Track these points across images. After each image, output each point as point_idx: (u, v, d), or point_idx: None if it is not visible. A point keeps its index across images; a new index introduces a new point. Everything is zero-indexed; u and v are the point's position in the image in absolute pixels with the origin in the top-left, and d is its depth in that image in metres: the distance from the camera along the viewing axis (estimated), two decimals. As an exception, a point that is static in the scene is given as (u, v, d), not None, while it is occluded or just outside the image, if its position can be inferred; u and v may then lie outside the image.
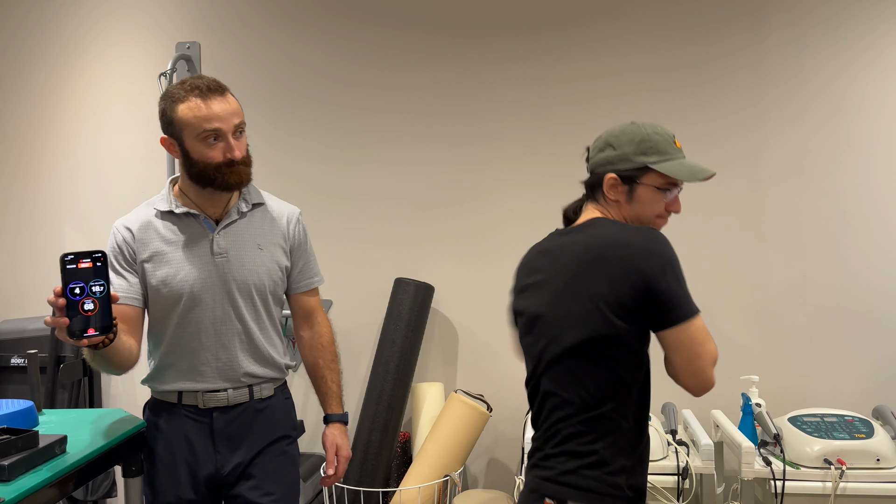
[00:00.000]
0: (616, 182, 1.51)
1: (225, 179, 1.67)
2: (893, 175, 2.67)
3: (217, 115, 1.63)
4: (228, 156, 1.65)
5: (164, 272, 1.70)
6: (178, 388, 1.74)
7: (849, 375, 2.71)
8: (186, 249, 1.71)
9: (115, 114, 3.12)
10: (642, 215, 1.52)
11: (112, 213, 3.12)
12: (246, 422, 1.77)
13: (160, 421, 1.77)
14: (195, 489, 1.74)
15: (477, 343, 2.94)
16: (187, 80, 1.67)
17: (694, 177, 1.49)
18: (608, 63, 2.83)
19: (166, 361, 1.75)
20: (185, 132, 1.64)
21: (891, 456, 2.15)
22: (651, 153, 1.50)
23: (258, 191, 1.84)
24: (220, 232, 1.73)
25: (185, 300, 1.70)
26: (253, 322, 1.76)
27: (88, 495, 2.99)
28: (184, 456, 1.73)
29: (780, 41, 2.73)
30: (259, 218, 1.80)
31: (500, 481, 2.94)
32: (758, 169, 2.75)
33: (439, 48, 2.93)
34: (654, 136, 1.50)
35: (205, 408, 1.74)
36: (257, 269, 1.76)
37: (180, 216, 1.73)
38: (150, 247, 1.71)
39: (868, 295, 2.69)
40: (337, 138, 2.99)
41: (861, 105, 2.69)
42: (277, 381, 1.85)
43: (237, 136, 1.67)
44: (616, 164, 1.51)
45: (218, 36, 3.04)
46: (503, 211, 2.92)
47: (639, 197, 1.51)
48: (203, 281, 1.71)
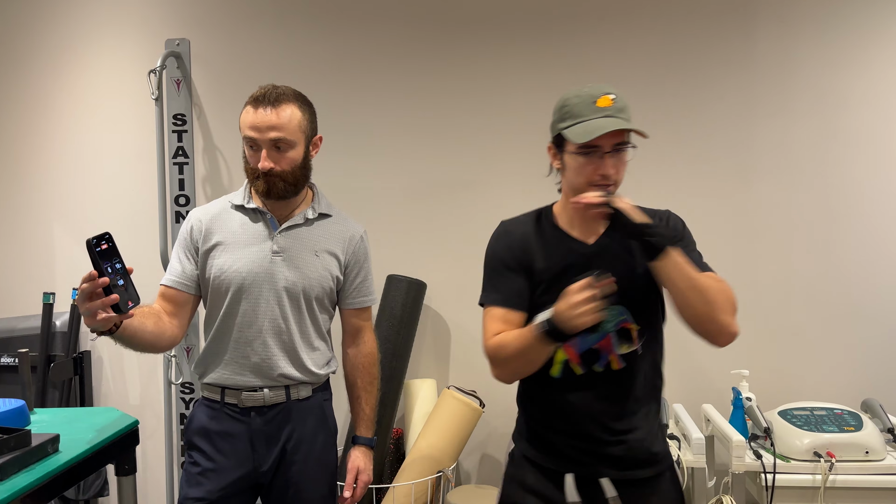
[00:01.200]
0: (553, 151, 1.54)
1: (256, 186, 1.78)
2: (882, 170, 2.69)
3: (254, 124, 1.72)
4: (256, 165, 1.73)
5: (222, 260, 1.78)
6: (219, 380, 1.80)
7: (838, 369, 2.73)
8: (247, 243, 1.80)
9: (104, 111, 3.10)
10: (574, 183, 1.50)
11: (102, 211, 3.10)
12: (283, 421, 1.82)
13: (205, 419, 1.82)
14: (233, 485, 1.78)
15: (469, 339, 2.95)
16: (268, 85, 1.77)
17: (585, 136, 1.41)
18: (598, 58, 2.83)
19: (212, 349, 1.83)
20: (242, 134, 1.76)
21: (879, 448, 2.17)
22: (567, 118, 1.48)
23: (329, 204, 1.92)
24: (283, 232, 1.81)
25: (234, 289, 1.77)
26: (295, 324, 1.81)
27: (80, 494, 2.98)
28: (224, 454, 1.78)
29: (769, 37, 2.74)
30: (322, 228, 1.87)
31: (494, 477, 2.95)
32: (746, 164, 2.76)
33: (432, 44, 2.93)
34: (572, 100, 1.48)
35: (244, 407, 1.80)
36: (310, 273, 1.81)
37: (250, 211, 1.83)
38: (216, 236, 1.81)
39: (857, 289, 2.71)
40: (328, 135, 2.97)
41: (849, 100, 2.71)
42: (316, 383, 1.89)
43: (275, 149, 1.73)
44: (551, 134, 1.54)
45: (208, 33, 3.02)
46: (495, 207, 2.92)
47: (566, 165, 1.51)
48: (255, 275, 1.78)
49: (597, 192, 1.42)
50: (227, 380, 1.80)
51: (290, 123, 1.72)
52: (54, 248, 3.15)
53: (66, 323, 3.02)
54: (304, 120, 1.77)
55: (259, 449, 1.80)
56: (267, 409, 1.80)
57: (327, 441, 1.90)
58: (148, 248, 3.01)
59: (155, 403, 3.10)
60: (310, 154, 1.81)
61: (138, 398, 3.12)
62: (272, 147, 1.72)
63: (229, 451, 1.79)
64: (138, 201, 3.07)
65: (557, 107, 1.52)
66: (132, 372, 3.12)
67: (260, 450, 1.80)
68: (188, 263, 1.82)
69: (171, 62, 2.95)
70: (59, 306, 3.10)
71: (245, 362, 1.79)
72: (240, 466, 1.79)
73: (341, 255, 1.88)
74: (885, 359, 2.70)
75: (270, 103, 1.71)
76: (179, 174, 2.96)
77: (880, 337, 2.70)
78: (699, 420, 2.64)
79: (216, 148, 3.04)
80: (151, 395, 3.11)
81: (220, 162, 3.04)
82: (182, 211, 2.95)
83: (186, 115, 2.96)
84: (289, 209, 1.84)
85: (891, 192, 2.69)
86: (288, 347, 1.81)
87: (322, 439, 1.88)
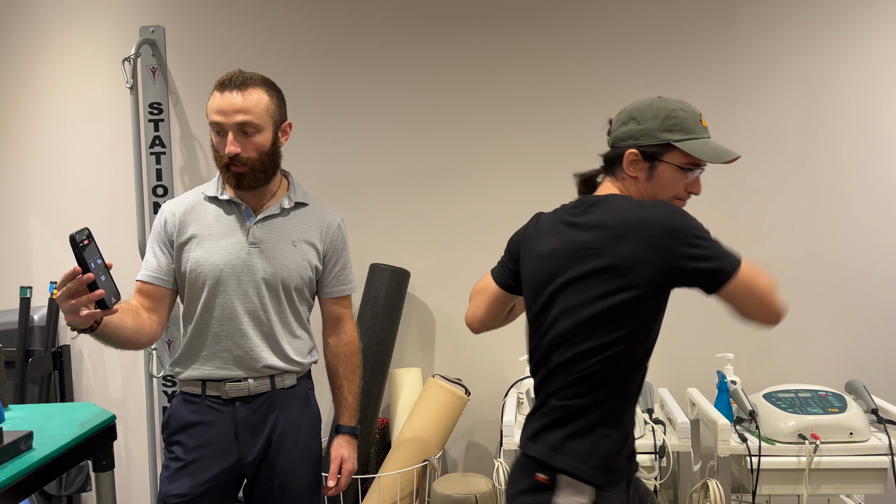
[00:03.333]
0: (637, 158, 1.46)
1: (227, 179, 1.75)
2: (864, 152, 2.69)
3: (220, 108, 1.68)
4: (223, 151, 1.70)
5: (198, 253, 1.75)
6: (200, 375, 1.77)
7: (822, 351, 2.74)
8: (223, 235, 1.77)
9: (78, 101, 3.04)
10: (660, 194, 1.47)
11: (77, 201, 3.05)
12: (268, 410, 1.80)
13: (185, 413, 1.79)
14: (216, 478, 1.77)
15: (454, 327, 2.93)
16: (235, 70, 1.73)
17: (718, 158, 1.43)
18: (580, 47, 2.80)
19: (191, 346, 1.79)
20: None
21: (863, 429, 2.18)
22: (675, 130, 1.44)
23: (305, 192, 1.89)
24: (258, 223, 1.78)
25: (212, 283, 1.75)
26: (276, 315, 1.79)
27: (62, 490, 2.95)
28: (206, 447, 1.76)
29: (751, 20, 2.72)
30: (299, 217, 1.84)
31: (480, 464, 2.94)
32: (729, 147, 2.75)
33: (413, 33, 2.89)
34: (680, 113, 1.45)
35: (227, 398, 1.77)
36: (288, 264, 1.79)
37: (224, 203, 1.80)
38: (190, 229, 1.77)
39: (840, 272, 2.72)
40: (309, 124, 2.95)
41: (832, 83, 2.70)
42: (300, 372, 1.87)
43: (241, 134, 1.69)
44: (638, 140, 1.46)
45: (183, 19, 2.96)
46: (478, 195, 2.90)
47: (659, 175, 1.46)
48: (233, 267, 1.75)
49: None
50: (208, 374, 1.77)
51: (258, 107, 1.69)
52: (31, 241, 3.10)
53: (44, 317, 2.97)
54: (272, 105, 1.73)
55: (244, 439, 1.78)
56: (252, 398, 1.79)
57: (312, 429, 1.89)
58: (125, 240, 2.97)
59: (136, 397, 3.06)
60: (279, 140, 1.77)
61: (119, 392, 3.08)
62: (239, 132, 1.69)
63: (212, 443, 1.77)
64: (115, 192, 3.02)
65: (657, 115, 1.45)
66: (113, 366, 3.08)
67: (244, 440, 1.78)
68: (164, 257, 1.79)
69: (146, 50, 2.89)
70: (37, 300, 3.05)
71: (227, 356, 1.77)
72: (224, 458, 1.77)
73: (319, 245, 1.85)
74: (868, 340, 2.71)
75: (237, 87, 1.68)
76: (156, 164, 2.91)
77: (864, 319, 2.71)
78: (684, 404, 2.64)
79: (193, 137, 2.98)
80: (133, 388, 3.07)
81: (197, 151, 2.99)
82: (160, 201, 2.90)
83: (163, 104, 2.91)
84: (263, 199, 1.81)
85: (874, 174, 2.68)
86: (270, 339, 1.79)
87: (307, 427, 1.87)
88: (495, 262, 1.71)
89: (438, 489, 2.49)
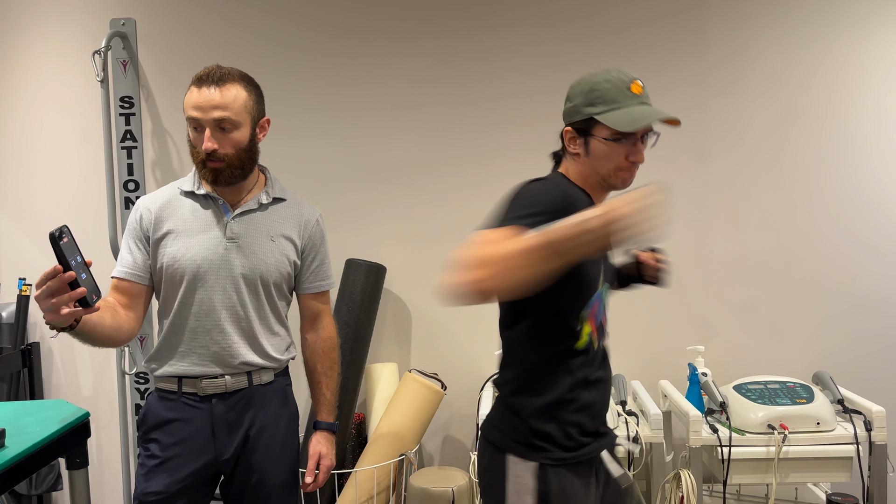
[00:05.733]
0: (573, 135, 1.49)
1: (203, 175, 1.73)
2: (833, 149, 2.75)
3: (197, 104, 1.66)
4: (200, 147, 1.68)
5: (174, 249, 1.73)
6: (176, 371, 1.76)
7: (790, 343, 2.80)
8: (200, 230, 1.75)
9: (47, 94, 2.99)
10: (600, 169, 1.48)
11: (48, 197, 3.00)
12: (245, 407, 1.78)
13: (161, 410, 1.77)
14: (193, 476, 1.75)
15: (430, 322, 2.94)
16: (213, 65, 1.72)
17: (633, 125, 1.41)
18: (553, 45, 2.82)
19: (168, 342, 1.77)
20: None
21: (830, 419, 2.23)
22: (598, 103, 1.44)
23: (283, 187, 1.88)
24: (236, 218, 1.76)
25: (189, 278, 1.73)
26: (254, 311, 1.78)
27: (33, 489, 2.91)
28: (183, 445, 1.74)
29: (722, 18, 2.76)
30: (277, 212, 1.83)
31: (456, 458, 2.96)
32: (700, 144, 2.79)
33: (389, 29, 2.88)
34: (603, 85, 1.45)
35: (204, 395, 1.76)
36: (266, 259, 1.77)
37: (200, 197, 1.78)
38: (166, 224, 1.75)
39: (807, 266, 2.78)
40: (283, 117, 2.93)
41: (802, 80, 2.75)
42: (278, 369, 1.86)
43: (219, 130, 1.68)
44: (571, 117, 1.49)
45: (154, 11, 2.92)
46: (454, 191, 2.91)
47: (593, 150, 1.47)
48: (210, 262, 1.73)
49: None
50: (185, 371, 1.76)
51: (235, 103, 1.67)
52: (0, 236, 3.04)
53: (12, 314, 2.92)
54: (250, 101, 1.72)
55: (220, 436, 1.76)
56: (229, 394, 1.77)
57: (290, 426, 1.88)
58: (97, 235, 2.93)
59: (109, 394, 3.02)
60: (256, 137, 1.76)
61: (91, 389, 3.04)
62: (216, 127, 1.67)
63: (189, 441, 1.75)
64: (85, 187, 2.97)
65: (583, 90, 1.46)
66: (84, 363, 3.04)
67: (221, 437, 1.76)
68: (139, 253, 1.76)
69: (117, 43, 2.85)
70: (5, 297, 3.00)
71: (204, 352, 1.75)
72: (200, 455, 1.75)
73: (297, 240, 1.85)
74: (835, 332, 2.77)
75: (214, 82, 1.66)
76: (128, 159, 2.87)
77: (830, 311, 2.77)
78: (656, 396, 2.68)
79: (165, 131, 2.95)
80: (105, 386, 3.03)
81: (170, 145, 2.96)
82: (132, 197, 2.86)
83: (134, 98, 2.87)
84: (241, 194, 1.79)
85: (842, 170, 2.74)
86: (248, 335, 1.78)
87: (285, 424, 1.86)
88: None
89: (415, 483, 2.50)
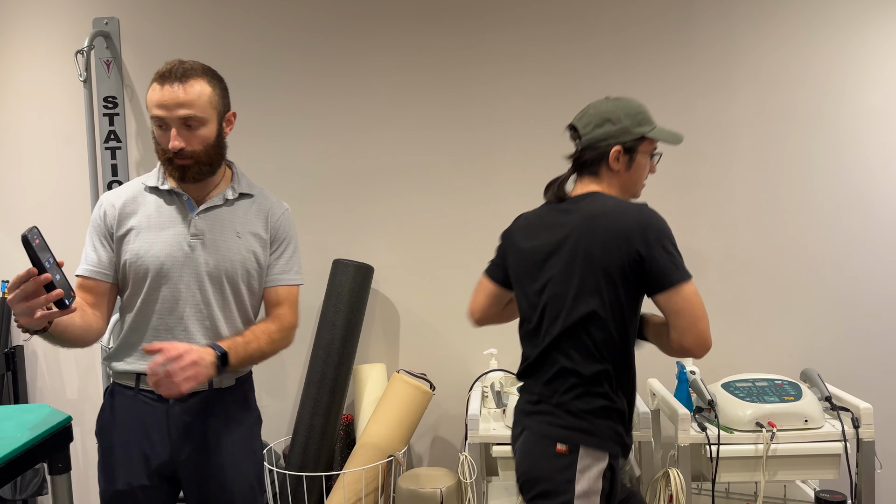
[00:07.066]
0: (620, 153, 1.69)
1: (170, 172, 1.70)
2: (819, 147, 2.75)
3: (161, 102, 1.63)
4: (167, 146, 1.65)
5: (138, 245, 1.70)
6: (135, 368, 1.71)
7: (778, 341, 2.81)
8: (164, 226, 1.71)
9: (30, 94, 2.95)
10: (638, 181, 1.73)
11: (30, 198, 2.96)
12: (204, 411, 1.73)
13: (117, 406, 1.73)
14: (148, 477, 1.70)
15: (418, 322, 2.93)
16: (174, 60, 1.68)
17: (678, 139, 1.73)
18: (542, 47, 2.82)
19: (129, 340, 1.73)
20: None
21: (818, 416, 2.24)
22: (644, 124, 1.70)
23: (251, 183, 1.84)
24: (201, 214, 1.73)
25: (153, 275, 1.69)
26: (218, 309, 1.73)
27: (17, 494, 2.87)
28: (138, 443, 1.70)
29: (709, 17, 2.77)
30: (244, 208, 1.79)
31: (445, 458, 2.95)
32: (687, 142, 2.79)
33: (379, 29, 2.87)
34: (643, 108, 1.72)
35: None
36: (231, 255, 1.73)
37: (165, 193, 1.74)
38: (130, 220, 1.72)
39: (795, 264, 2.78)
40: (270, 118, 2.91)
41: (790, 79, 2.75)
42: (240, 373, 1.81)
43: (185, 128, 1.64)
44: (619, 137, 1.68)
45: (137, 11, 2.90)
46: (442, 191, 2.90)
47: (637, 164, 1.71)
48: (174, 259, 1.69)
49: None
50: (144, 368, 1.68)
51: (200, 100, 1.64)
52: (-20, 239, 3.00)
53: (-5, 317, 2.89)
54: (215, 95, 1.68)
55: (175, 439, 1.71)
56: (188, 396, 1.71)
57: (251, 430, 1.82)
58: (79, 237, 2.89)
59: (94, 398, 2.99)
60: (223, 131, 1.73)
61: (76, 393, 3.01)
62: (182, 126, 1.64)
63: (144, 440, 1.70)
64: (69, 188, 2.94)
65: (628, 113, 1.69)
66: (69, 366, 3.01)
67: (178, 440, 1.71)
68: (104, 251, 1.72)
69: (100, 42, 2.82)
70: (-12, 300, 2.96)
71: None
72: (155, 457, 1.70)
73: (264, 234, 1.79)
74: (822, 329, 2.78)
75: (178, 79, 1.62)
76: (112, 159, 2.85)
77: (818, 308, 2.78)
78: (645, 395, 2.68)
79: (149, 131, 2.91)
80: (90, 389, 3.00)
81: (153, 145, 2.92)
82: (116, 198, 2.83)
83: (117, 98, 2.85)
84: (206, 190, 1.75)
85: (829, 168, 2.75)
86: (212, 334, 1.73)
87: (246, 428, 1.80)
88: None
89: (404, 484, 2.49)
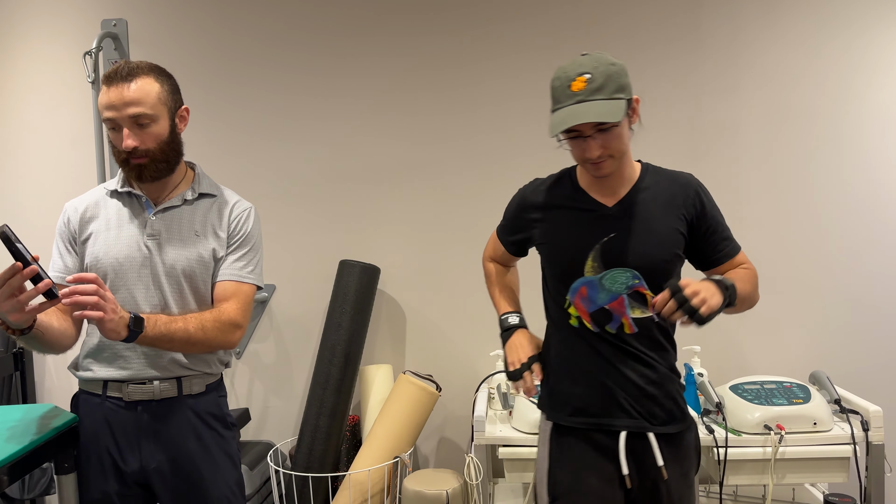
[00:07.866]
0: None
1: (127, 173, 1.70)
2: (827, 147, 2.73)
3: (110, 103, 1.62)
4: (121, 147, 1.64)
5: (96, 248, 1.71)
6: (103, 376, 1.69)
7: (786, 343, 2.78)
8: (122, 228, 1.71)
9: (39, 95, 2.97)
10: (575, 162, 1.61)
11: (36, 199, 2.98)
12: (173, 418, 1.71)
13: (86, 414, 1.72)
14: (124, 485, 1.70)
15: (424, 323, 2.92)
16: (121, 61, 1.68)
17: (552, 129, 1.46)
18: (546, 44, 2.81)
19: (92, 344, 1.72)
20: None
21: (827, 419, 2.22)
22: (552, 102, 1.52)
23: (214, 184, 1.82)
24: (157, 215, 1.72)
25: (112, 277, 1.69)
26: (178, 309, 1.71)
27: (25, 493, 2.88)
28: (109, 451, 1.69)
29: (716, 15, 2.75)
30: (204, 207, 1.77)
31: (451, 460, 2.94)
32: (694, 142, 2.78)
33: (380, 26, 2.87)
34: (553, 83, 1.51)
35: (129, 400, 1.68)
36: (189, 255, 1.72)
37: (124, 195, 1.74)
38: (91, 225, 1.73)
39: (803, 265, 2.76)
40: (277, 120, 2.91)
41: (796, 78, 2.74)
42: (210, 378, 1.78)
43: (137, 126, 1.63)
44: None
45: (146, 12, 2.91)
46: (449, 191, 2.89)
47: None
48: (132, 260, 1.69)
49: (671, 305, 1.45)
50: (111, 375, 1.69)
51: (149, 97, 1.63)
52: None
53: (4, 317, 2.90)
54: (164, 91, 1.66)
55: (146, 447, 1.69)
56: (156, 403, 1.69)
57: (225, 436, 1.78)
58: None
59: (102, 398, 3.00)
60: (177, 128, 1.71)
61: (84, 393, 3.02)
62: (133, 124, 1.62)
63: (113, 449, 1.68)
64: (77, 190, 2.92)
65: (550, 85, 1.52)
66: (77, 366, 3.02)
67: (147, 448, 1.69)
68: (69, 257, 1.73)
69: (108, 43, 2.83)
70: (-3, 300, 2.98)
71: (129, 354, 1.68)
72: (126, 465, 1.69)
73: (223, 233, 1.77)
74: (831, 331, 2.76)
75: (123, 79, 1.61)
76: (120, 160, 2.85)
77: (826, 311, 2.76)
78: (653, 397, 2.66)
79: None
80: (98, 389, 3.01)
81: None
82: (124, 198, 2.84)
83: (126, 99, 2.85)
84: (165, 191, 1.74)
85: (837, 168, 2.73)
86: None
87: (218, 435, 1.77)
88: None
89: (409, 486, 2.48)
